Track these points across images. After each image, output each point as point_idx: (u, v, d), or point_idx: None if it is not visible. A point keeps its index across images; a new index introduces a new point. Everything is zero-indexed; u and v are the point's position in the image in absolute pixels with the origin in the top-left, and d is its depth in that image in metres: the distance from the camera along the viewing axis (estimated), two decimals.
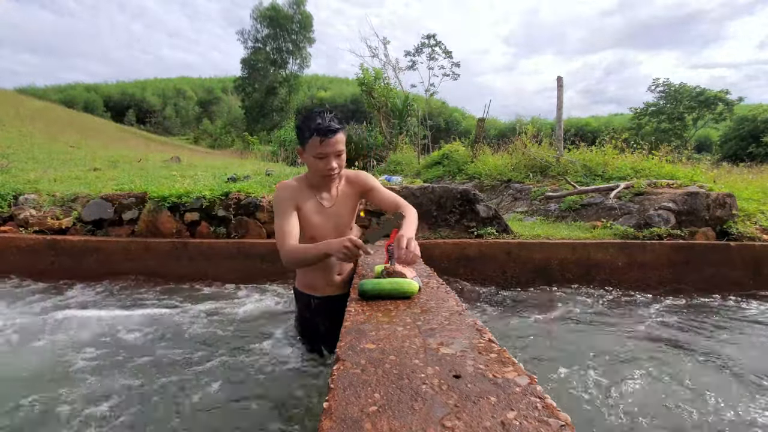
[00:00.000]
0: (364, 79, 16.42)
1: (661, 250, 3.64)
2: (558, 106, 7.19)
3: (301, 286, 1.84)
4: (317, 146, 1.52)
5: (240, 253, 3.51)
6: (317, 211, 1.67)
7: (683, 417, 1.69)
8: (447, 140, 13.34)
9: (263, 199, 3.72)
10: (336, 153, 1.55)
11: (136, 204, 3.74)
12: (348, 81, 46.35)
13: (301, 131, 1.56)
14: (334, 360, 0.93)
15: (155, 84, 50.84)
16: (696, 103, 26.04)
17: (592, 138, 11.20)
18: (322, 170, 1.57)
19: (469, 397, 0.73)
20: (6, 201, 3.89)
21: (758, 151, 22.52)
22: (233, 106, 36.94)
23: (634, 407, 1.74)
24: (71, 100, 39.12)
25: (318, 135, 1.50)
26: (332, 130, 1.51)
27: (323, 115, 1.52)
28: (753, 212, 4.21)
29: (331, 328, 1.43)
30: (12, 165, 6.06)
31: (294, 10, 31.11)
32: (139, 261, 3.52)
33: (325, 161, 1.54)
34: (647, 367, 2.11)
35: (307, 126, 1.53)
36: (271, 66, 31.23)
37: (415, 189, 3.78)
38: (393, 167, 12.50)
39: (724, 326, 2.74)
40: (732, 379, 2.01)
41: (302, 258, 1.48)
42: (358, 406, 0.71)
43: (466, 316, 1.20)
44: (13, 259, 3.48)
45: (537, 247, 3.54)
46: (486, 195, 7.01)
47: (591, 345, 2.39)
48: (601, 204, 4.84)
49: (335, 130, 1.52)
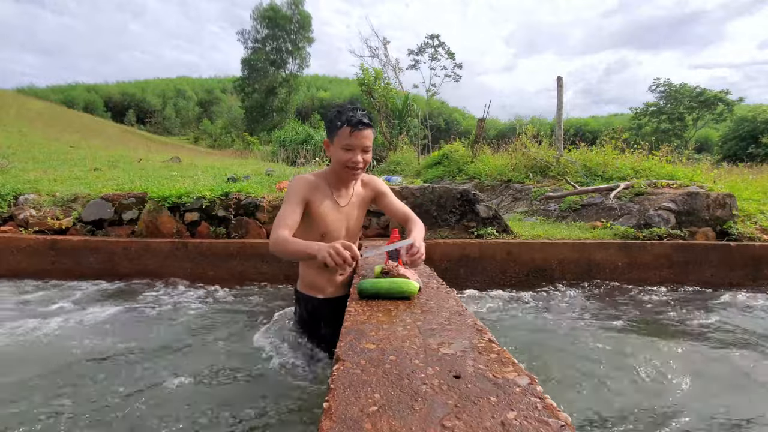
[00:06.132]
0: (364, 79, 16.43)
1: (661, 250, 3.64)
2: (558, 106, 7.19)
3: (303, 287, 1.85)
4: (347, 137, 1.56)
5: (240, 253, 3.51)
6: (332, 208, 1.69)
7: (684, 417, 1.69)
8: (447, 140, 13.35)
9: (263, 199, 3.72)
10: (363, 148, 1.59)
11: (136, 204, 3.74)
12: (348, 81, 46.34)
13: (332, 122, 1.60)
14: (334, 360, 0.93)
15: (155, 84, 50.82)
16: (696, 103, 26.08)
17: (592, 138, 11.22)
18: (347, 163, 1.59)
19: (469, 397, 0.73)
20: (6, 201, 3.89)
21: (758, 151, 22.53)
22: (233, 107, 36.96)
23: (635, 407, 1.74)
24: (71, 100, 39.14)
25: (349, 125, 1.54)
26: (363, 123, 1.56)
27: (356, 110, 1.58)
28: (753, 212, 4.21)
29: (332, 329, 1.43)
30: (12, 165, 6.07)
31: (292, 11, 31.15)
32: (139, 261, 3.52)
33: (352, 153, 1.58)
34: (648, 367, 2.10)
35: (339, 117, 1.57)
36: (271, 66, 31.27)
37: (415, 189, 3.78)
38: (393, 167, 12.51)
39: (724, 326, 2.74)
40: (734, 378, 2.01)
41: (289, 249, 1.43)
42: (358, 406, 0.71)
43: (466, 317, 1.20)
44: (13, 259, 3.48)
45: (537, 247, 3.54)
46: (486, 195, 7.01)
47: (591, 345, 2.39)
48: (601, 204, 4.84)
49: (366, 123, 1.57)
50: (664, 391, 1.88)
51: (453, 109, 46.50)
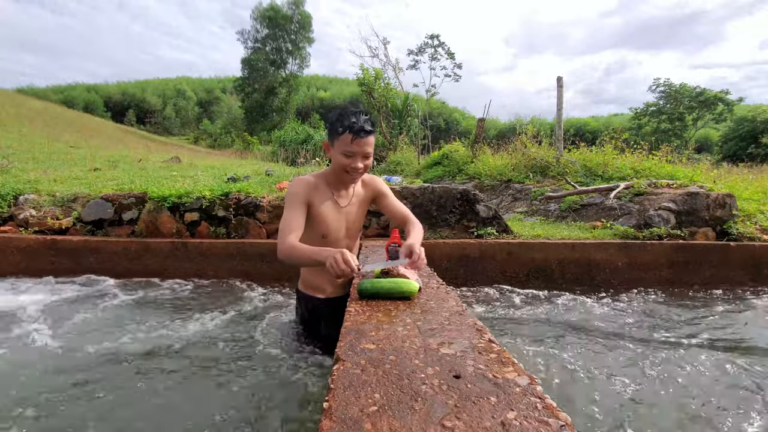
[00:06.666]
0: (364, 79, 16.43)
1: (661, 250, 3.64)
2: (558, 106, 7.19)
3: (304, 287, 1.85)
4: (347, 144, 1.54)
5: (240, 253, 3.51)
6: (332, 209, 1.68)
7: (684, 416, 1.69)
8: (447, 140, 13.34)
9: (263, 199, 3.72)
10: (364, 154, 1.57)
11: (136, 204, 3.74)
12: (348, 81, 46.39)
13: (334, 126, 1.58)
14: (334, 360, 0.93)
15: (155, 84, 50.86)
16: (696, 103, 26.10)
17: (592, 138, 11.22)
18: (346, 168, 1.58)
19: (469, 397, 0.73)
20: (6, 201, 3.89)
21: (758, 151, 22.54)
22: (233, 107, 36.96)
23: (635, 407, 1.74)
24: (71, 100, 39.19)
25: (350, 133, 1.52)
26: (366, 130, 1.53)
27: (358, 115, 1.54)
28: (753, 212, 4.21)
29: (333, 329, 1.43)
30: (12, 165, 6.06)
31: (293, 11, 31.15)
32: (139, 261, 3.52)
33: (352, 160, 1.56)
34: (648, 367, 2.11)
35: (341, 122, 1.55)
36: (271, 66, 31.28)
37: (415, 189, 3.78)
38: (393, 167, 12.51)
39: (725, 325, 2.74)
40: (735, 376, 2.01)
41: (298, 257, 1.46)
42: (358, 406, 0.71)
43: (466, 317, 1.20)
44: (13, 260, 3.48)
45: (537, 247, 3.54)
46: (486, 195, 7.01)
47: (591, 345, 2.39)
48: (601, 204, 4.84)
49: (368, 131, 1.54)
50: (665, 391, 1.88)
51: (453, 109, 46.52)
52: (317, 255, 1.38)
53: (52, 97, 36.57)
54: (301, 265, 1.53)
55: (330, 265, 1.29)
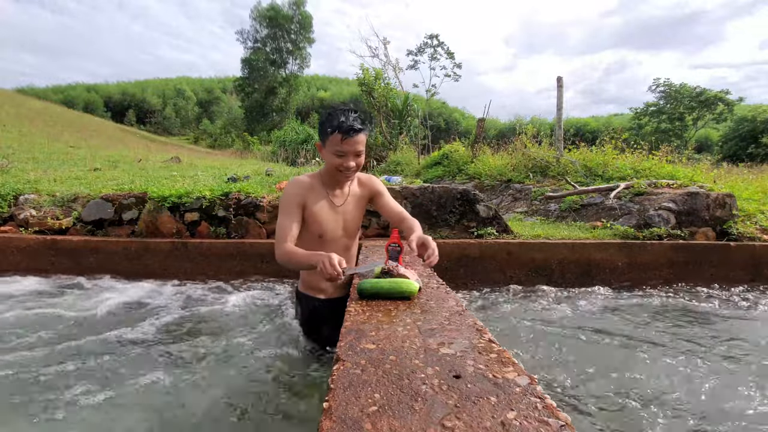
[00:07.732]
0: (364, 79, 16.40)
1: (661, 250, 3.64)
2: (558, 106, 7.18)
3: (304, 288, 1.85)
4: (338, 144, 1.54)
5: (240, 253, 3.51)
6: (327, 208, 1.69)
7: (684, 416, 1.69)
8: (447, 140, 13.33)
9: (263, 199, 3.72)
10: (355, 153, 1.58)
11: (136, 204, 3.74)
12: (348, 81, 46.37)
13: (324, 127, 1.58)
14: (334, 360, 0.93)
15: (155, 84, 50.79)
16: (696, 103, 26.07)
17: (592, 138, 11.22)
18: (339, 167, 1.59)
19: (469, 397, 0.73)
20: (6, 201, 3.88)
21: (758, 151, 22.54)
22: (233, 106, 36.96)
23: (635, 407, 1.74)
24: (71, 100, 39.19)
25: (340, 132, 1.52)
26: (355, 129, 1.53)
27: (347, 113, 1.54)
28: (753, 212, 4.21)
29: (333, 329, 1.43)
30: (12, 165, 6.07)
31: (294, 11, 31.16)
32: (139, 261, 3.52)
33: (344, 159, 1.57)
34: (647, 366, 2.11)
35: (330, 122, 1.55)
36: (271, 66, 31.28)
37: (415, 189, 3.78)
38: (393, 167, 12.49)
39: (725, 326, 2.74)
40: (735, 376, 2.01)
41: (294, 261, 1.51)
42: (358, 406, 0.71)
43: (466, 317, 1.20)
44: (13, 260, 3.48)
45: (537, 247, 3.54)
46: (486, 195, 7.01)
47: (591, 345, 2.39)
48: (601, 204, 4.84)
49: (358, 129, 1.54)
50: (665, 391, 1.88)
51: (453, 109, 46.49)
52: (309, 259, 1.43)
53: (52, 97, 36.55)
54: (297, 268, 1.57)
55: (320, 269, 1.33)
